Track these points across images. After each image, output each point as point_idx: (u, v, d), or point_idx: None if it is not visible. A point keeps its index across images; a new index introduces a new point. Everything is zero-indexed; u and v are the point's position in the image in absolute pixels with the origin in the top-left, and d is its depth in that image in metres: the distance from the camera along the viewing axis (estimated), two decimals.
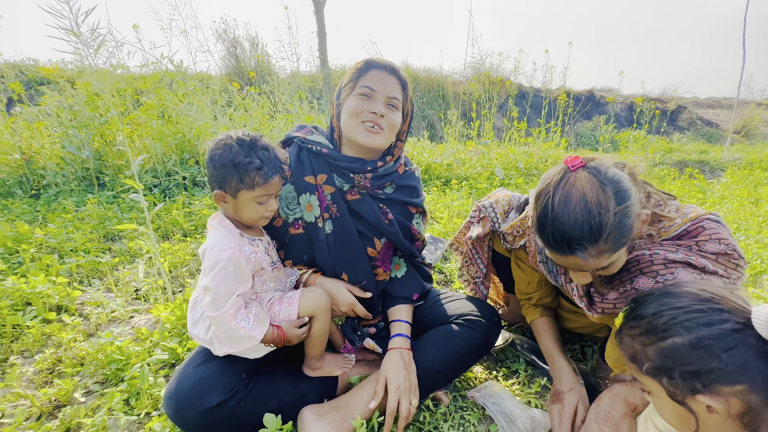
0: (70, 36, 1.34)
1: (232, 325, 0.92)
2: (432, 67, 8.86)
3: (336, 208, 1.11)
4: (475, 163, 4.25)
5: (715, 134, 8.91)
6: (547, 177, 0.88)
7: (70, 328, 1.49)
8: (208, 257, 0.93)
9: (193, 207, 2.74)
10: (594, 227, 0.78)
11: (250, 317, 0.96)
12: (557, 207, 0.81)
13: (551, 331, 1.26)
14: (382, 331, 1.24)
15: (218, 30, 7.09)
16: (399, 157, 1.21)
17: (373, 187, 1.15)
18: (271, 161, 0.96)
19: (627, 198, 0.80)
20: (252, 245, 1.01)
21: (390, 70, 1.09)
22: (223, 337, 0.94)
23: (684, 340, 0.65)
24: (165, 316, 1.46)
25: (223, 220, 1.01)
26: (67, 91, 3.56)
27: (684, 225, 0.93)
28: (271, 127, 3.88)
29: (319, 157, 1.12)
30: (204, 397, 0.90)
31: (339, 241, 1.12)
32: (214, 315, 0.91)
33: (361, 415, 1.01)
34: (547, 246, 0.86)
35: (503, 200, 1.25)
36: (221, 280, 0.91)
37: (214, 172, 0.95)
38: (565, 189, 0.82)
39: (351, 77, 1.11)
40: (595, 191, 0.80)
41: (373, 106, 1.06)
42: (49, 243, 2.14)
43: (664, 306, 0.71)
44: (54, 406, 1.14)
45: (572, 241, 0.80)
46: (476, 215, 1.29)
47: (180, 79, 3.56)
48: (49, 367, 1.30)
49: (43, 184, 3.15)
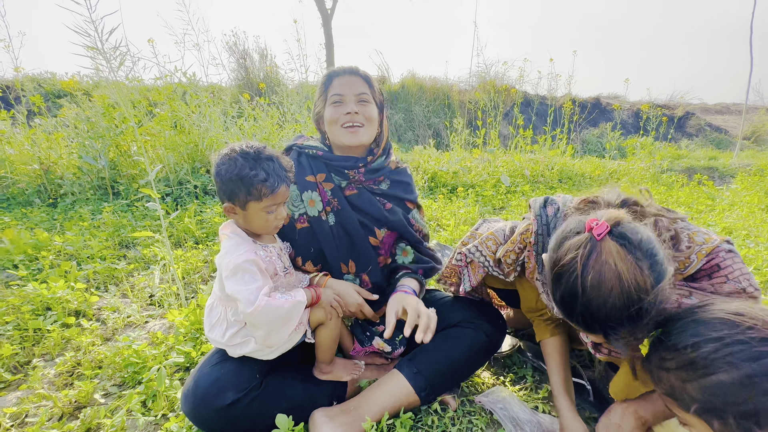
0: (94, 53, 1.41)
1: (274, 304, 0.92)
2: (437, 76, 8.96)
3: (337, 202, 1.21)
4: (481, 170, 4.27)
5: (724, 140, 8.83)
6: (569, 246, 0.77)
7: (88, 332, 1.54)
8: (226, 266, 0.95)
9: (205, 215, 2.81)
10: (634, 314, 0.71)
11: (283, 295, 0.98)
12: (589, 290, 0.72)
13: (560, 359, 1.15)
14: None
15: (229, 42, 7.28)
16: (387, 149, 1.29)
17: (368, 180, 1.24)
18: (276, 171, 0.98)
19: (664, 274, 0.72)
20: (265, 251, 1.04)
21: (350, 72, 1.19)
22: (274, 323, 0.93)
23: (731, 377, 0.59)
24: (179, 321, 1.51)
25: (235, 228, 1.04)
26: (84, 103, 3.69)
27: (699, 263, 0.86)
28: (280, 136, 3.97)
29: (316, 159, 1.23)
30: (220, 395, 0.94)
31: (342, 231, 1.21)
32: (253, 309, 0.90)
33: (372, 418, 1.03)
34: (573, 322, 0.78)
35: (488, 240, 1.15)
36: (248, 279, 0.93)
37: (222, 186, 0.97)
38: (596, 268, 0.72)
39: (320, 92, 1.22)
40: (631, 271, 0.71)
41: (345, 108, 1.16)
42: (67, 250, 2.21)
43: (699, 336, 0.64)
44: (75, 407, 1.18)
45: (607, 326, 0.73)
46: (463, 260, 1.22)
47: (192, 91, 3.67)
48: (69, 370, 1.35)
49: (60, 193, 3.25)
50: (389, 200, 1.28)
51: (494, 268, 1.14)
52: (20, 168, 3.27)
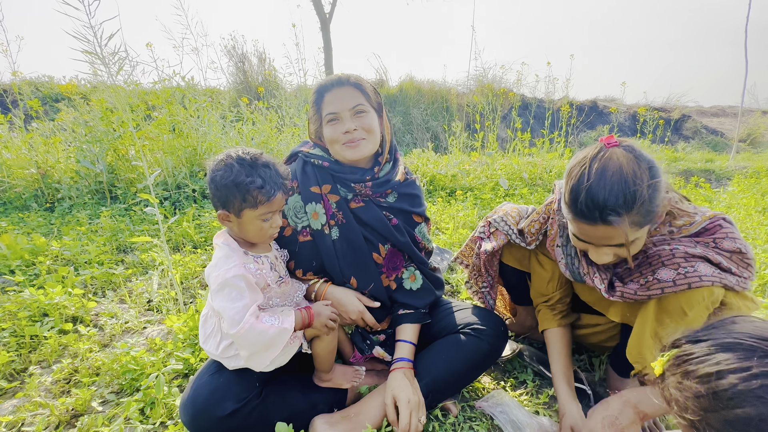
0: (92, 58, 1.41)
1: (260, 328, 0.90)
2: (435, 80, 8.99)
3: (342, 215, 1.17)
4: (480, 173, 4.28)
5: (720, 143, 8.89)
6: (581, 153, 0.92)
7: (85, 338, 1.53)
8: (214, 279, 0.93)
9: (203, 219, 2.80)
10: (628, 196, 0.82)
11: (275, 315, 0.96)
12: (593, 177, 0.85)
13: (563, 350, 1.21)
14: (390, 338, 1.26)
15: (227, 46, 7.30)
16: (393, 152, 1.23)
17: (375, 194, 1.19)
18: (273, 178, 0.96)
19: (659, 174, 0.87)
20: (257, 263, 1.00)
21: (339, 83, 1.12)
22: (256, 347, 0.91)
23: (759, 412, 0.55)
24: (178, 326, 1.50)
25: (228, 238, 1.01)
26: (82, 107, 3.68)
27: (703, 223, 0.98)
28: (279, 140, 3.97)
29: (322, 169, 1.18)
30: (219, 405, 0.93)
31: (346, 246, 1.17)
32: (237, 330, 0.88)
33: (372, 425, 1.03)
34: (578, 216, 0.89)
35: (512, 212, 1.28)
36: (235, 296, 0.91)
37: (217, 192, 0.95)
38: (602, 161, 0.86)
39: (314, 110, 1.16)
40: (630, 164, 0.85)
41: (342, 126, 1.11)
42: (65, 255, 2.20)
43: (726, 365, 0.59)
44: (72, 415, 1.17)
45: (606, 208, 0.83)
46: (486, 230, 1.31)
47: (191, 94, 3.67)
48: (66, 377, 1.34)
49: (57, 197, 3.24)
50: (396, 215, 1.23)
51: (517, 236, 1.23)
52: (17, 172, 3.26)
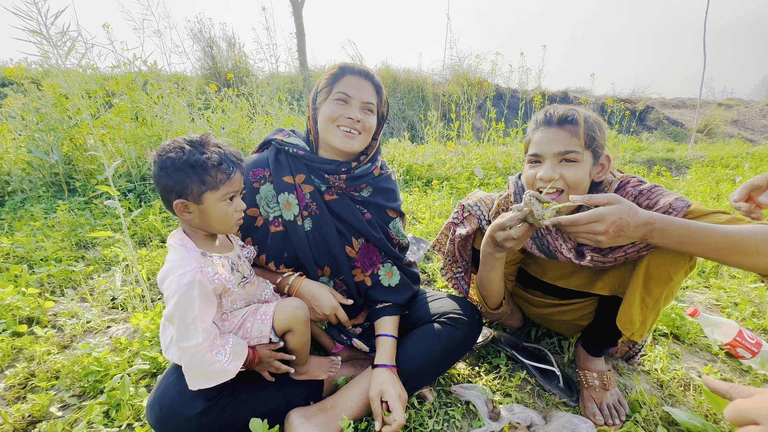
0: (39, 38, 1.29)
1: (207, 359, 0.85)
2: (411, 68, 8.94)
3: (315, 206, 1.14)
4: (456, 163, 4.32)
5: (680, 133, 9.36)
6: None
7: (42, 340, 1.44)
8: (168, 284, 0.85)
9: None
10: (583, 114, 1.06)
11: (227, 349, 0.89)
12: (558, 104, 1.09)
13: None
14: (367, 330, 1.26)
15: (193, 30, 6.92)
16: (374, 157, 1.21)
17: (348, 188, 1.17)
18: (228, 156, 0.90)
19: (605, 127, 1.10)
20: (215, 265, 0.92)
21: (365, 75, 1.11)
22: (194, 371, 0.86)
23: None
24: (144, 324, 1.43)
25: (183, 237, 0.93)
26: (33, 92, 3.40)
27: (618, 182, 1.13)
28: (251, 129, 3.83)
29: (296, 158, 1.15)
30: (189, 405, 0.90)
31: (318, 238, 1.15)
32: (186, 346, 0.83)
33: (349, 416, 1.02)
34: (542, 123, 1.08)
35: (486, 199, 1.32)
36: (186, 306, 0.83)
37: (169, 180, 0.86)
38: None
39: (326, 82, 1.12)
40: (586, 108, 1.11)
41: (349, 111, 1.08)
42: (17, 252, 2.05)
43: None
44: (28, 422, 1.10)
45: (567, 116, 1.05)
46: (460, 215, 1.32)
47: (154, 80, 3.47)
48: (21, 382, 1.25)
49: (8, 190, 3.00)
50: (369, 209, 1.21)
51: (487, 223, 1.29)
52: None
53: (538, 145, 1.08)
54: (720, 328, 1.47)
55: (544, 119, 1.08)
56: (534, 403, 1.22)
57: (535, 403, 1.22)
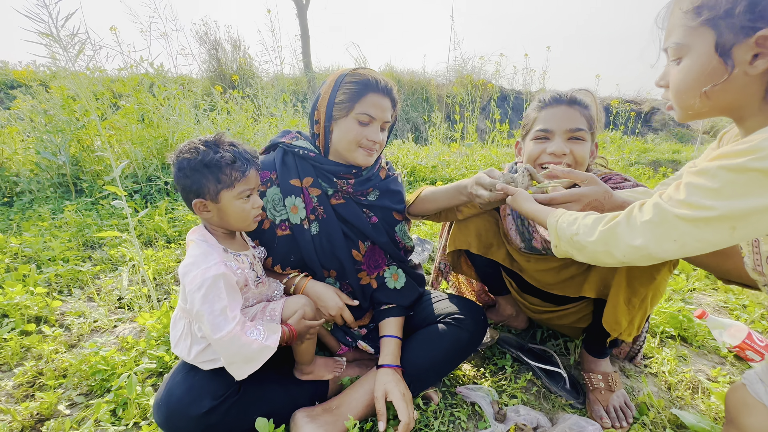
0: (49, 41, 1.31)
1: (243, 341, 0.86)
2: (415, 70, 8.92)
3: (322, 210, 1.14)
4: (460, 164, 4.32)
5: (686, 134, 9.28)
6: None
7: (50, 339, 1.45)
8: (192, 278, 0.85)
9: (177, 212, 2.69)
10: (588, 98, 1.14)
11: (259, 328, 0.91)
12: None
13: None
14: (373, 331, 1.26)
15: (199, 32, 6.97)
16: (378, 158, 1.23)
17: (356, 192, 1.17)
18: (243, 154, 0.92)
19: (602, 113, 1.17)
20: (237, 260, 0.96)
21: (387, 93, 1.10)
22: (235, 358, 0.87)
23: None
24: (151, 324, 1.44)
25: (205, 233, 0.95)
26: (41, 94, 3.44)
27: (601, 176, 1.15)
28: (255, 131, 3.85)
29: (304, 160, 1.15)
30: (195, 404, 0.90)
31: (325, 241, 1.15)
32: (220, 336, 0.84)
33: (354, 416, 1.02)
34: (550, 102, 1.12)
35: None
36: (214, 298, 0.84)
37: (187, 181, 0.89)
38: None
39: (347, 96, 1.07)
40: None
41: (371, 133, 1.09)
42: (25, 252, 2.07)
43: None
44: (36, 420, 1.11)
45: (574, 97, 1.11)
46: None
47: (160, 82, 3.50)
48: (29, 381, 1.27)
49: (16, 191, 3.04)
50: (376, 212, 1.21)
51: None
52: None
53: (548, 122, 1.11)
54: (728, 330, 1.46)
55: (554, 98, 1.13)
56: (540, 405, 1.21)
57: (541, 405, 1.21)
